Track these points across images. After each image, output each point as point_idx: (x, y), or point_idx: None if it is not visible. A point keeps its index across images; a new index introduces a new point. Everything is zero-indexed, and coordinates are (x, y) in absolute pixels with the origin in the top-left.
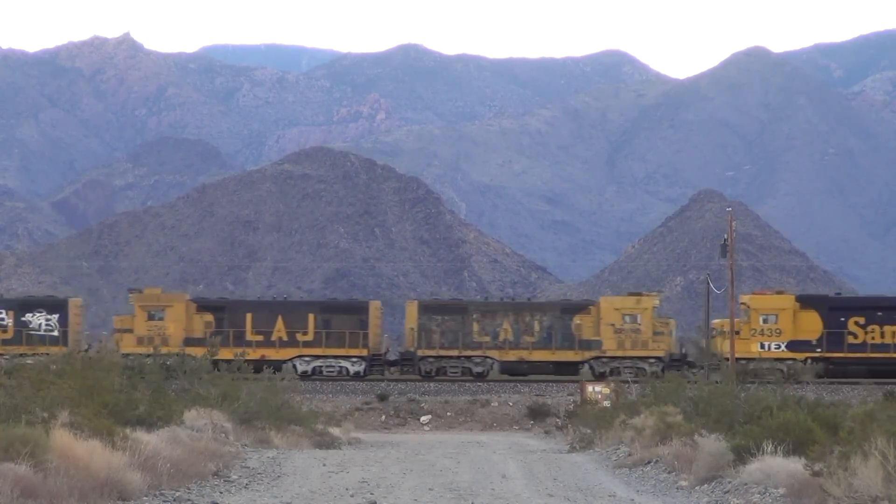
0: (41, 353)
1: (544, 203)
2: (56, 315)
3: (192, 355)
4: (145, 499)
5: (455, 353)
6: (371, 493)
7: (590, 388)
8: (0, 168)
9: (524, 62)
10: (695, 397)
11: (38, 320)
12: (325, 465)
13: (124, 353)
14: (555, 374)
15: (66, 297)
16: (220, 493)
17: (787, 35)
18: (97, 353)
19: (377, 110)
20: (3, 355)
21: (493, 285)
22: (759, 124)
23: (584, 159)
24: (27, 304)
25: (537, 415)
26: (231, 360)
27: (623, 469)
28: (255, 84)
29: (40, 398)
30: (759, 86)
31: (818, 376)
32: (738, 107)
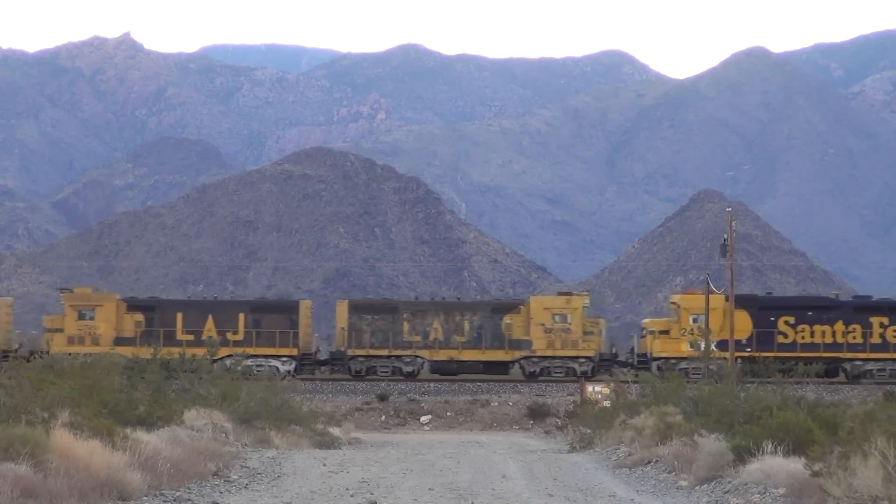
0: None
1: (544, 203)
2: None
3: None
4: (145, 499)
5: (385, 352)
6: (371, 493)
7: (590, 388)
8: (0, 168)
9: (524, 62)
10: (695, 397)
11: None
12: (325, 465)
13: (53, 352)
14: (485, 373)
15: None
16: (220, 493)
17: (787, 35)
18: (28, 352)
19: (377, 110)
20: None
21: (493, 285)
22: (759, 124)
23: (584, 159)
24: None
25: (537, 415)
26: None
27: (623, 469)
28: (255, 84)
29: (40, 398)
30: (759, 86)
31: (748, 376)
32: (738, 107)
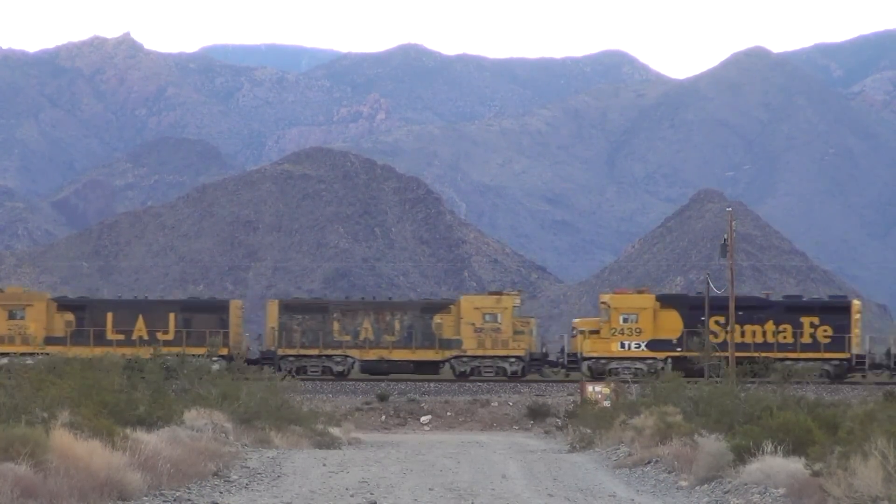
0: None
1: (544, 203)
2: None
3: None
4: (145, 499)
5: (315, 352)
6: (371, 493)
7: (590, 388)
8: (0, 168)
9: (524, 62)
10: (695, 397)
11: None
12: (325, 465)
13: None
14: (415, 373)
15: None
16: (220, 493)
17: (787, 35)
18: None
19: (377, 110)
20: None
21: (493, 285)
22: (759, 124)
23: (584, 159)
24: None
25: (537, 415)
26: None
27: (623, 469)
28: (255, 84)
29: (40, 398)
30: (759, 86)
31: (682, 375)
32: (738, 107)
